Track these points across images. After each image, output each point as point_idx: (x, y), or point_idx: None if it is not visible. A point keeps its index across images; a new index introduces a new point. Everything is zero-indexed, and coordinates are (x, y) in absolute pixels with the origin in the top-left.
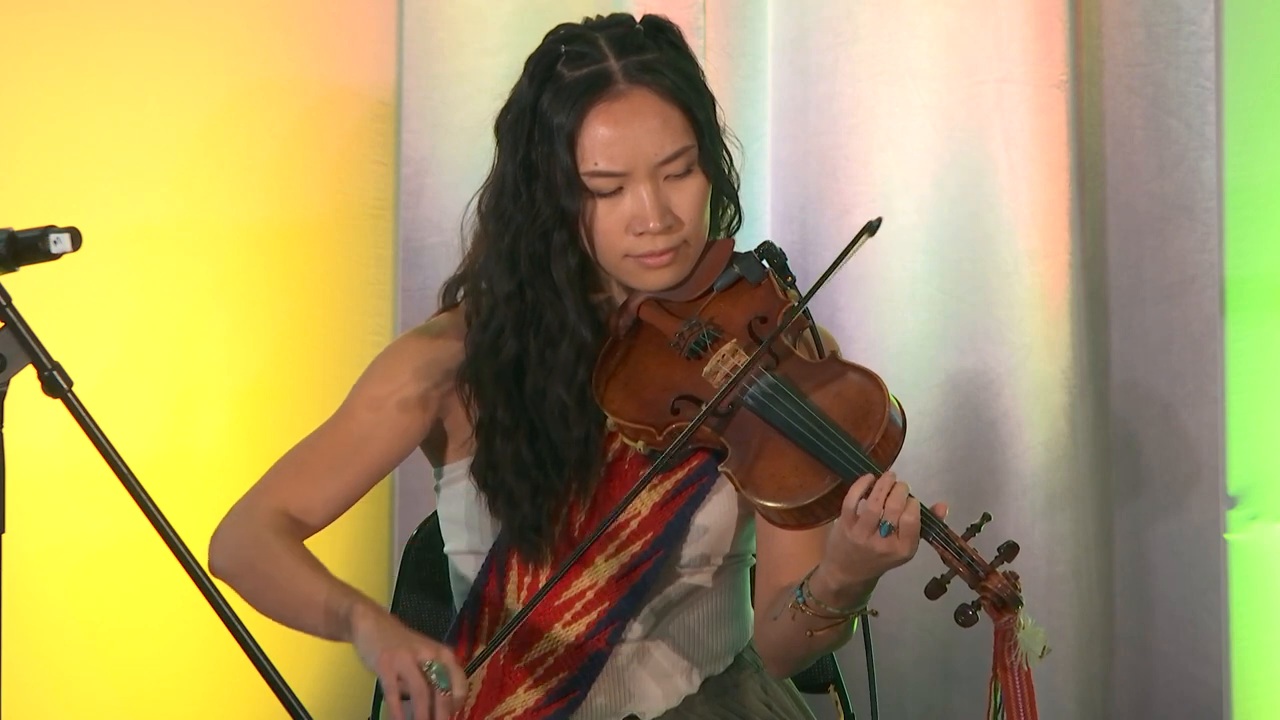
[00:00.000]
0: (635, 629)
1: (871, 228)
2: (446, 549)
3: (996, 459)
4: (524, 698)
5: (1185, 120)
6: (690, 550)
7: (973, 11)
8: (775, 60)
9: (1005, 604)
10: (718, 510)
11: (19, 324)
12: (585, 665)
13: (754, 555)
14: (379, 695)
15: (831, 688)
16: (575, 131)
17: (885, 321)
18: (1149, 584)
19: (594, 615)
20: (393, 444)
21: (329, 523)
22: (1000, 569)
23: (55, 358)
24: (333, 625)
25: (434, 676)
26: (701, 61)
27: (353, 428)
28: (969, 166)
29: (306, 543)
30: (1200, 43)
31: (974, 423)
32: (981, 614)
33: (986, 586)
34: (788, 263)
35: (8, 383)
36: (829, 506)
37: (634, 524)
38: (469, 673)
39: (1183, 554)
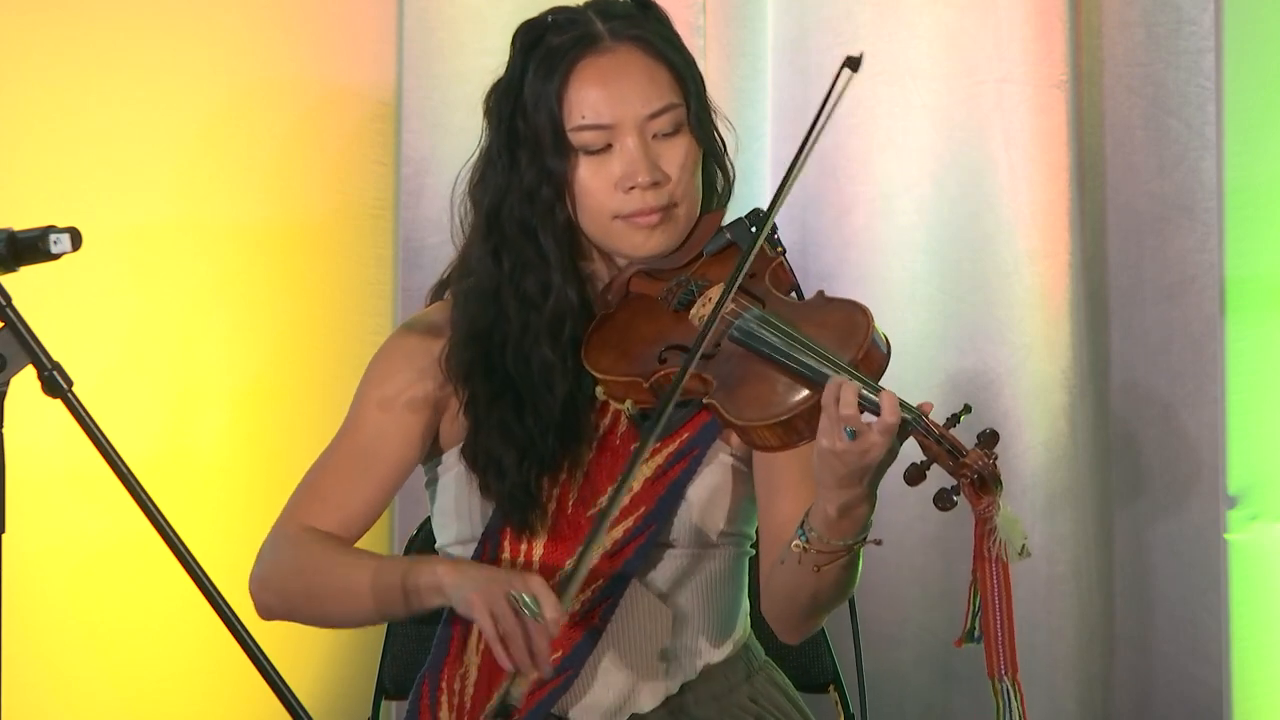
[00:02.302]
0: (629, 606)
1: (854, 62)
2: (438, 545)
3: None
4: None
5: (1185, 120)
6: (683, 525)
7: (973, 11)
8: (775, 60)
9: (985, 484)
10: (710, 483)
11: (19, 324)
12: (579, 644)
13: (752, 544)
14: (379, 695)
15: (831, 688)
16: (562, 89)
17: (885, 321)
18: (1149, 584)
19: (588, 593)
20: (402, 447)
21: (360, 536)
22: (980, 450)
23: (55, 358)
24: (407, 601)
25: (525, 610)
26: (701, 62)
27: (360, 441)
28: (969, 166)
29: None
30: (1200, 43)
31: (974, 423)
32: (961, 499)
33: (966, 465)
34: (777, 230)
35: (8, 383)
36: (811, 419)
37: (625, 499)
38: (563, 597)
39: (1183, 554)
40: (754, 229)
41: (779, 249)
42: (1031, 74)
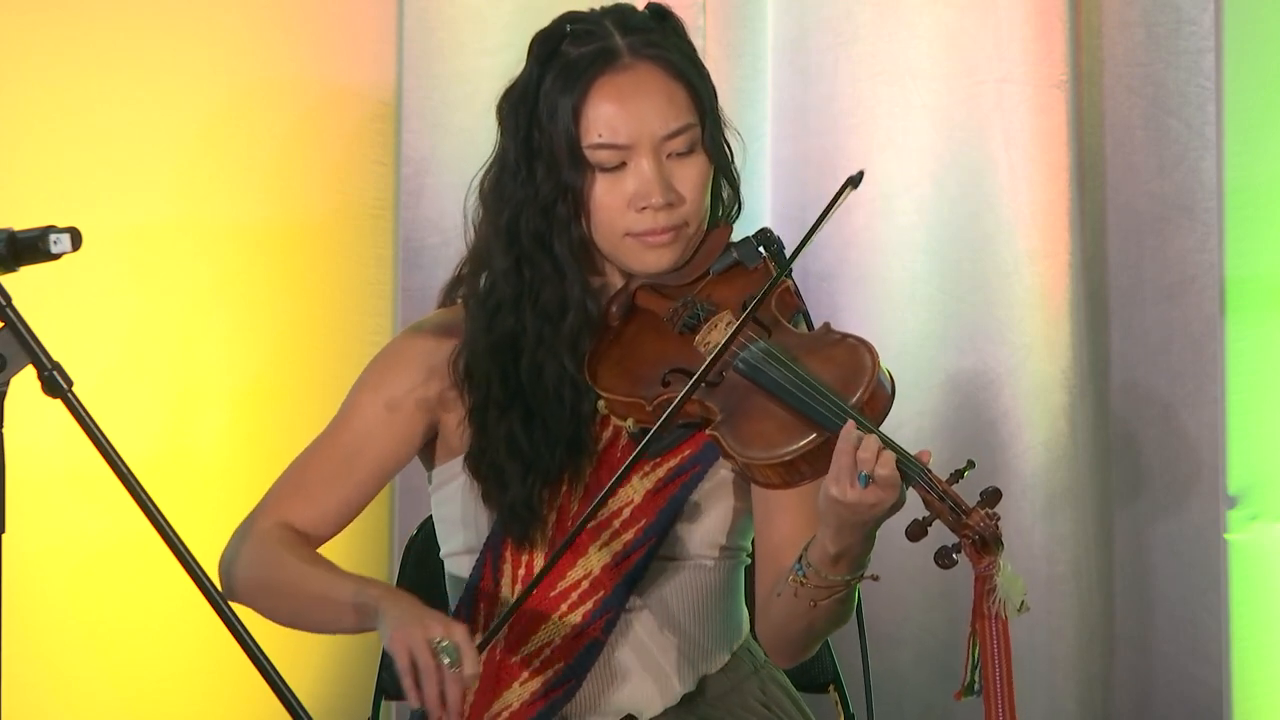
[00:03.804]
0: (630, 618)
1: (854, 181)
2: (442, 553)
3: (996, 459)
4: (519, 691)
5: (1185, 120)
6: (683, 538)
7: (973, 11)
8: (775, 60)
9: (986, 544)
10: (711, 498)
11: (19, 324)
12: (581, 654)
13: (749, 555)
14: (379, 695)
15: (831, 688)
16: (580, 105)
17: (885, 321)
18: (1149, 584)
19: (589, 604)
20: (390, 449)
21: (338, 532)
22: (982, 510)
23: (55, 358)
24: (355, 618)
25: (443, 655)
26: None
27: (347, 438)
28: (969, 166)
29: None
30: (1200, 43)
31: (974, 423)
32: (961, 557)
33: (968, 525)
34: (784, 250)
35: (8, 383)
36: (814, 462)
37: (627, 512)
38: (481, 649)
39: (1183, 554)
40: (760, 248)
41: (790, 277)
42: (1031, 74)
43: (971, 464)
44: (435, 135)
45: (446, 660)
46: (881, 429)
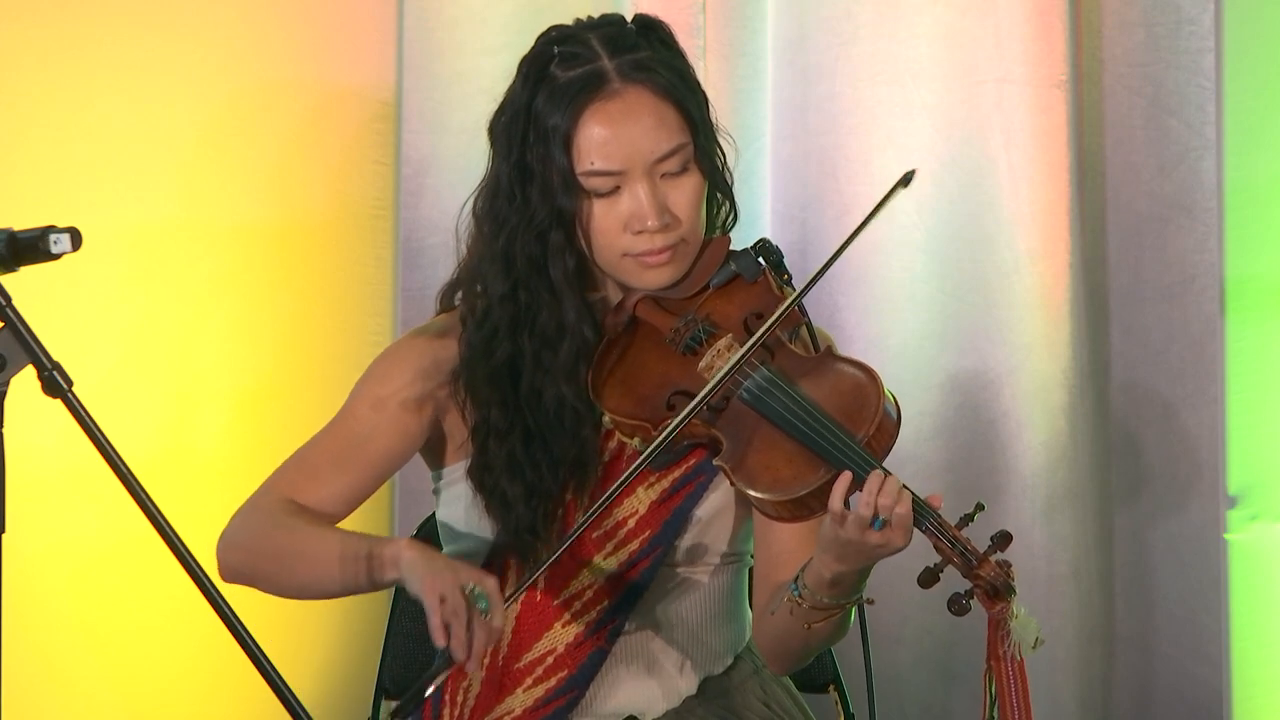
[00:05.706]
0: (634, 628)
1: (906, 179)
2: (445, 552)
3: (996, 459)
4: (523, 697)
5: (1185, 120)
6: (688, 548)
7: (973, 11)
8: (775, 60)
9: (998, 592)
10: (715, 508)
11: (19, 324)
12: (584, 664)
13: (752, 556)
14: (379, 695)
15: (831, 688)
16: (571, 132)
17: (885, 321)
18: (1149, 584)
19: (593, 614)
20: (394, 443)
21: (343, 517)
22: (994, 558)
23: (55, 358)
24: (374, 573)
25: (476, 600)
26: (701, 62)
27: (354, 427)
28: (969, 166)
29: None
30: (1200, 43)
31: (974, 423)
32: (974, 603)
33: (979, 575)
34: (784, 260)
35: (8, 383)
36: (823, 498)
37: (631, 523)
38: (508, 603)
39: (1183, 554)
40: (759, 259)
41: (786, 276)
42: (1031, 74)
43: (981, 506)
44: (435, 135)
45: (480, 606)
46: (895, 466)
